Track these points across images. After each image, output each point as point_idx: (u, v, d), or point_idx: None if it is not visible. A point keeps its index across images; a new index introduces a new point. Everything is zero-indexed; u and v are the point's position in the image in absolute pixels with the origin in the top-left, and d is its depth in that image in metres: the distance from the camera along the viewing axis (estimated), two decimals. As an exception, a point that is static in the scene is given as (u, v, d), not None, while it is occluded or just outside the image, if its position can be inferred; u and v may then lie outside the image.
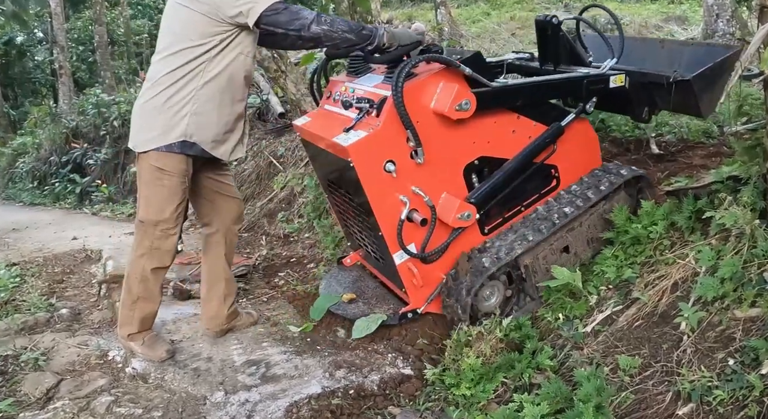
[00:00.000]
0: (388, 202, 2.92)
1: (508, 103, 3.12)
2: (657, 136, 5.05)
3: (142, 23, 20.53)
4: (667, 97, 3.33)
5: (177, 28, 2.89)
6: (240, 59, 2.93)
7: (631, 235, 3.16)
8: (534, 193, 3.38)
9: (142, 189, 3.06)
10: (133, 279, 3.15)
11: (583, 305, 3.03)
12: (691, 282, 2.75)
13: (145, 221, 3.05)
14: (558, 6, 12.72)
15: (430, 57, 2.83)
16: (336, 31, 2.79)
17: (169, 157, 2.94)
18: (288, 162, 6.16)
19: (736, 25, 8.25)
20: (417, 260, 3.08)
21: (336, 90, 3.27)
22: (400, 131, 2.83)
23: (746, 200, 2.65)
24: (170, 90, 2.88)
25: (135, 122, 3.03)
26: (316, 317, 3.50)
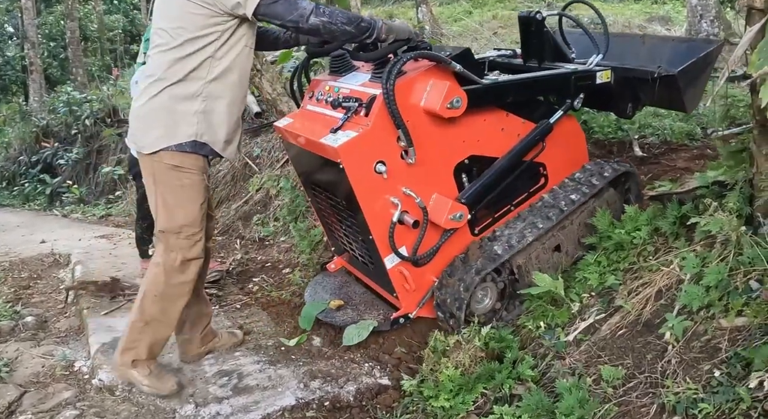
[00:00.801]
0: (379, 204, 2.87)
1: (498, 100, 3.10)
2: (640, 138, 5.05)
3: (116, 19, 20.28)
4: (652, 92, 3.35)
5: (173, 20, 2.71)
6: (245, 52, 2.80)
7: (614, 240, 3.13)
8: (523, 191, 3.38)
9: (157, 195, 2.80)
10: (150, 298, 2.85)
11: (565, 313, 2.98)
12: (675, 290, 2.71)
13: (167, 230, 2.80)
14: (541, 5, 12.70)
15: (420, 54, 2.79)
16: (335, 23, 2.67)
17: (184, 154, 2.76)
18: (264, 163, 6.07)
19: (720, 25, 8.25)
20: (408, 264, 3.03)
21: (319, 90, 3.20)
22: (390, 131, 2.77)
23: (732, 205, 2.62)
24: (176, 87, 2.70)
25: (139, 122, 2.82)
26: (306, 326, 3.43)
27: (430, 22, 10.96)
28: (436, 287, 3.11)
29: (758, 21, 2.21)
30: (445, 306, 3.05)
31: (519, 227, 3.20)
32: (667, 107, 3.86)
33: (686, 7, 9.12)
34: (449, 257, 3.14)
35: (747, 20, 2.31)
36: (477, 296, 3.13)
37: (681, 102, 3.41)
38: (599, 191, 3.39)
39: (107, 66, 17.89)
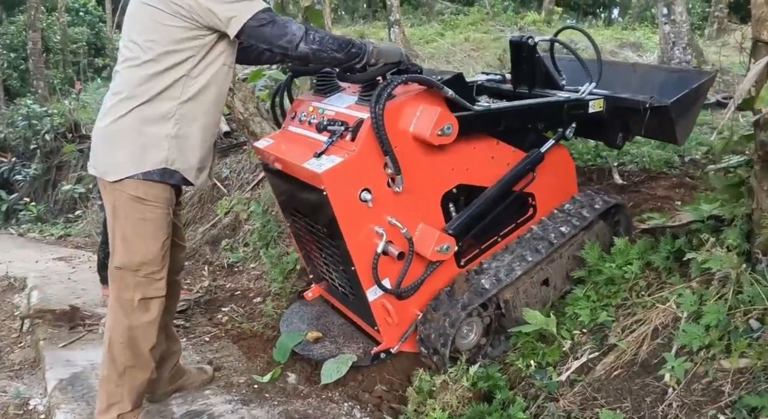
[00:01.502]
0: (363, 234, 2.73)
1: (489, 127, 3.00)
2: (619, 165, 5.01)
3: (81, 31, 19.92)
4: (643, 123, 3.27)
5: (145, 32, 2.48)
6: (224, 72, 2.59)
7: (605, 274, 3.04)
8: (510, 222, 3.27)
9: (116, 227, 2.57)
10: (117, 345, 2.61)
11: (556, 351, 2.87)
12: (672, 328, 2.62)
13: (125, 266, 2.57)
14: (513, 29, 12.80)
15: (411, 77, 2.67)
16: (325, 50, 2.51)
17: (149, 184, 2.52)
18: (233, 185, 5.90)
19: (692, 52, 8.35)
20: (391, 297, 2.88)
21: (302, 110, 3.06)
22: (377, 157, 2.65)
23: (731, 242, 2.54)
24: (146, 107, 2.47)
25: (102, 144, 2.57)
26: (280, 359, 3.25)
27: (403, 43, 10.94)
28: (420, 322, 2.97)
29: (765, 55, 2.14)
30: (429, 342, 2.91)
31: (507, 260, 3.08)
32: (658, 138, 3.81)
33: (658, 33, 9.23)
34: (434, 290, 3.01)
35: (753, 54, 2.24)
36: (462, 332, 3.00)
37: (673, 133, 3.33)
38: (589, 224, 3.29)
39: (70, 79, 17.48)
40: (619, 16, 24.11)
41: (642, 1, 20.11)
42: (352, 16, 20.61)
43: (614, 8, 24.41)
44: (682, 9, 8.46)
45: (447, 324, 2.85)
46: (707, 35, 12.04)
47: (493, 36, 12.46)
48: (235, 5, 2.39)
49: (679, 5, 8.33)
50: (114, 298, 2.64)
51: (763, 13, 2.16)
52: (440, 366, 2.89)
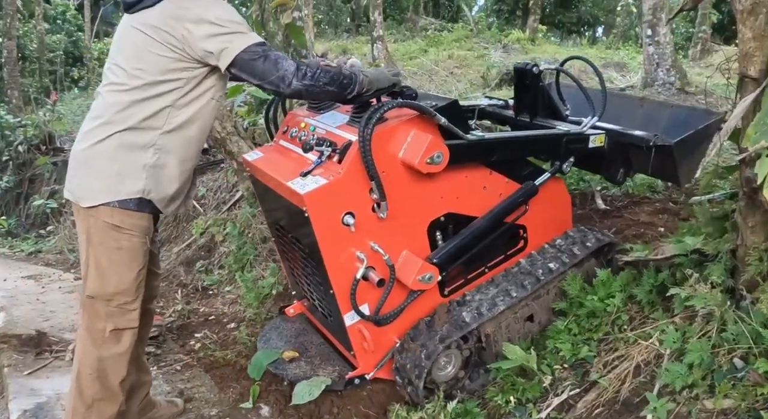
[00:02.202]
0: (343, 258, 2.68)
1: (482, 157, 2.96)
2: (602, 189, 5.00)
3: (59, 39, 19.75)
4: (646, 160, 3.20)
5: (134, 58, 2.43)
6: (211, 105, 2.55)
7: (587, 308, 3.01)
8: (499, 254, 3.22)
9: (90, 255, 2.51)
10: (85, 377, 2.55)
11: (536, 387, 2.82)
12: (655, 366, 2.59)
13: (97, 295, 2.51)
14: (497, 46, 12.86)
15: (403, 103, 2.64)
16: (318, 85, 2.45)
17: (125, 214, 2.47)
18: (209, 204, 5.82)
19: (676, 74, 8.42)
20: (369, 323, 2.83)
21: (294, 126, 3.03)
22: (362, 181, 2.60)
23: (715, 278, 2.52)
24: (125, 135, 2.42)
25: (78, 168, 2.52)
26: (255, 376, 3.18)
27: (385, 59, 10.94)
28: (397, 350, 2.92)
29: (752, 91, 2.13)
30: (404, 371, 2.86)
31: (491, 294, 3.03)
32: (660, 177, 3.75)
33: (642, 54, 9.31)
34: (415, 318, 2.96)
35: (739, 89, 2.23)
36: (440, 364, 2.94)
37: (675, 174, 3.23)
38: (579, 261, 3.23)
39: (45, 89, 17.32)
40: (603, 35, 24.37)
41: (626, 21, 20.33)
42: (336, 30, 20.64)
43: (598, 27, 24.66)
44: (666, 31, 8.55)
45: (423, 355, 2.80)
46: (691, 56, 12.15)
47: (476, 53, 12.50)
48: (228, 37, 2.35)
49: (663, 26, 8.42)
50: (84, 328, 2.58)
51: (750, 48, 2.16)
52: (414, 398, 2.84)
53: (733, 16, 2.25)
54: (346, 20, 22.65)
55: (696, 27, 12.44)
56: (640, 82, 8.97)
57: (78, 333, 2.63)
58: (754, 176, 2.10)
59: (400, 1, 21.61)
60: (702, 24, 12.01)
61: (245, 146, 4.96)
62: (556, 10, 21.19)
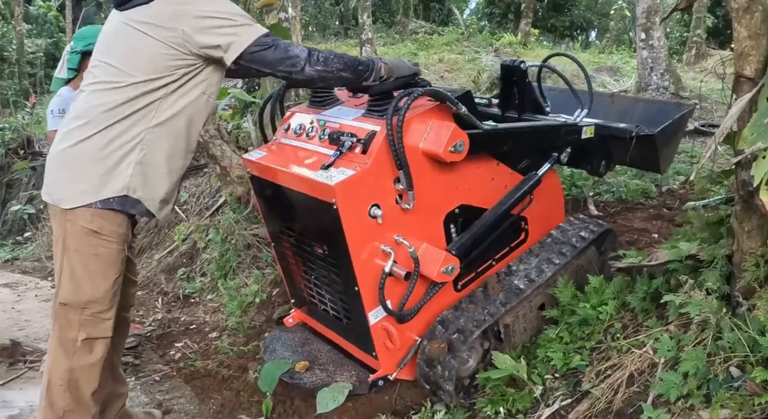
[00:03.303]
0: (368, 252, 2.67)
1: (494, 148, 3.03)
2: (595, 195, 5.00)
3: (40, 42, 19.65)
4: (628, 151, 3.33)
5: (127, 57, 2.41)
6: (202, 100, 2.53)
7: (579, 315, 2.98)
8: (505, 246, 3.27)
9: (65, 259, 2.47)
10: (56, 388, 2.51)
11: (526, 397, 2.79)
12: (649, 375, 2.56)
13: (70, 303, 2.47)
14: (488, 50, 12.88)
15: (429, 90, 2.67)
16: (331, 70, 2.48)
17: (106, 216, 2.43)
18: (191, 210, 5.77)
19: (670, 78, 8.45)
20: (393, 320, 2.82)
21: (297, 122, 3.02)
22: (388, 172, 2.62)
23: (711, 285, 2.50)
24: (111, 131, 2.39)
25: (60, 171, 2.48)
26: (267, 389, 3.12)
27: (375, 62, 10.91)
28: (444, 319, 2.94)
29: (748, 91, 2.11)
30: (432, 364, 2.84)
31: (534, 263, 3.16)
32: (641, 166, 3.92)
33: (635, 58, 9.33)
34: (431, 316, 2.96)
35: (734, 90, 2.21)
36: (463, 357, 2.92)
37: (656, 162, 3.43)
38: (583, 250, 3.32)
39: (25, 91, 17.22)
40: (597, 39, 24.50)
41: (620, 25, 20.45)
42: (324, 33, 20.64)
43: (592, 31, 24.78)
44: (660, 34, 8.58)
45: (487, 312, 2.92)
46: (685, 60, 12.21)
47: (467, 57, 12.53)
48: (235, 29, 2.36)
49: (657, 30, 8.45)
50: (56, 337, 2.54)
51: (746, 47, 2.14)
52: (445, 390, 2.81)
53: (728, 20, 2.25)
54: (334, 23, 22.68)
55: (690, 31, 12.51)
56: (633, 87, 9.00)
57: (49, 343, 2.58)
58: (751, 179, 2.08)
59: (389, 3, 21.66)
60: (697, 28, 12.07)
61: (228, 150, 4.93)
62: (549, 13, 21.27)
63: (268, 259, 4.64)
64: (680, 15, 16.81)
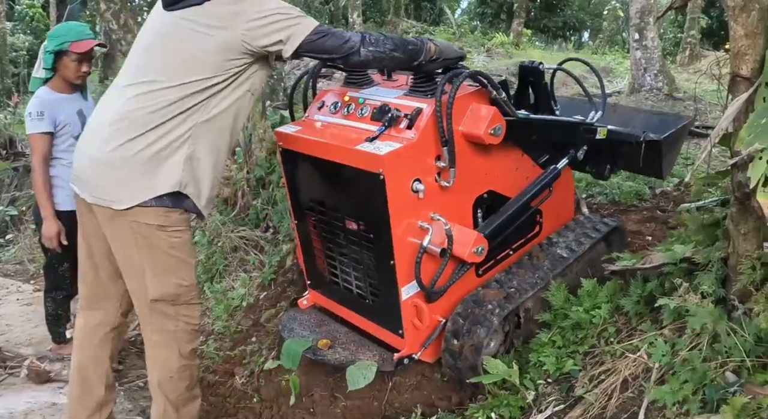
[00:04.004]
0: (405, 227, 2.77)
1: (524, 137, 3.15)
2: (588, 197, 4.99)
3: (25, 39, 19.51)
4: (632, 156, 3.46)
5: (178, 57, 2.45)
6: (247, 98, 2.60)
7: (572, 319, 2.97)
8: (521, 237, 3.41)
9: (143, 258, 2.53)
10: (165, 383, 2.67)
11: (518, 403, 2.78)
12: (643, 380, 2.55)
13: (161, 297, 2.58)
14: (480, 51, 12.89)
15: (475, 72, 2.80)
16: (384, 51, 2.58)
17: (165, 210, 2.50)
18: (178, 211, 5.72)
19: (664, 79, 8.48)
20: (422, 298, 2.90)
21: (333, 100, 3.14)
22: (432, 148, 2.75)
23: (706, 288, 2.49)
24: (161, 129, 2.43)
25: (108, 171, 2.47)
26: (290, 365, 3.14)
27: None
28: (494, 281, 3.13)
29: (744, 90, 2.10)
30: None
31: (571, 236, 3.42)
32: (643, 171, 4.02)
33: (629, 59, 9.36)
34: (455, 299, 3.04)
35: (730, 90, 2.20)
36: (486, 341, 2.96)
37: (660, 168, 3.57)
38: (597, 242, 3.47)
39: (7, 90, 17.08)
40: (590, 39, 24.57)
41: (613, 25, 20.52)
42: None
43: (584, 31, 24.85)
44: (654, 34, 8.61)
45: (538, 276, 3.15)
46: (679, 61, 12.26)
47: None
48: (292, 21, 2.45)
49: (650, 31, 8.48)
50: (157, 332, 2.65)
51: (742, 46, 2.13)
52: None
53: (723, 21, 2.24)
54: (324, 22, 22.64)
55: (685, 32, 12.55)
56: (627, 88, 9.02)
57: (147, 345, 2.70)
58: (747, 181, 2.08)
59: (380, 2, 21.65)
60: (691, 29, 12.11)
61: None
62: (542, 13, 21.34)
63: (255, 262, 4.62)
64: (674, 16, 16.89)
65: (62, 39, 3.57)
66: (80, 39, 3.59)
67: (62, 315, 3.94)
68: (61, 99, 3.69)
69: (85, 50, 3.60)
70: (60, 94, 3.70)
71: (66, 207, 3.65)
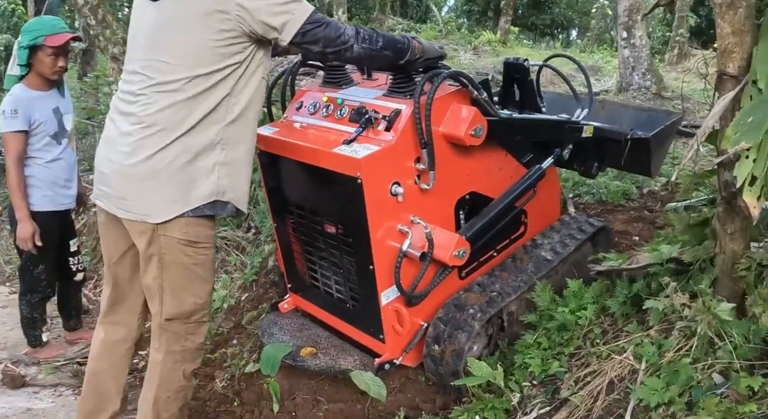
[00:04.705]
0: (384, 231, 2.75)
1: (507, 137, 3.15)
2: (574, 197, 5.00)
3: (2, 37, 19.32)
4: (620, 154, 3.44)
5: (178, 50, 2.35)
6: (262, 86, 2.55)
7: (557, 320, 2.98)
8: (505, 238, 3.41)
9: (164, 275, 2.50)
10: (162, 401, 2.66)
11: (503, 405, 2.77)
12: (629, 381, 2.55)
13: (176, 317, 2.57)
14: (467, 48, 12.90)
15: (455, 72, 2.78)
16: (376, 48, 2.51)
17: (200, 223, 2.47)
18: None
19: (652, 78, 8.52)
20: (402, 303, 2.89)
21: (311, 101, 3.09)
22: (411, 150, 2.73)
23: (694, 288, 2.49)
24: (189, 137, 2.36)
25: (137, 183, 2.42)
26: (269, 371, 3.13)
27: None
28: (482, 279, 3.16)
29: (731, 89, 2.11)
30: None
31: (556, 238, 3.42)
32: (632, 169, 4.07)
33: (617, 57, 9.40)
34: (437, 303, 3.04)
35: (717, 88, 2.21)
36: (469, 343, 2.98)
37: (648, 166, 3.55)
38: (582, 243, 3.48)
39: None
40: (578, 37, 24.67)
41: (601, 23, 20.61)
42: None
43: (572, 30, 24.95)
44: (642, 33, 8.65)
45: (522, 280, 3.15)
46: (668, 60, 12.31)
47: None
48: (288, 7, 2.32)
49: (639, 29, 8.52)
50: (162, 351, 2.64)
51: (729, 44, 2.13)
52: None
53: (711, 20, 2.25)
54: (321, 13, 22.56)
55: (673, 31, 12.61)
56: (614, 87, 9.05)
57: (151, 362, 2.69)
58: (733, 180, 2.09)
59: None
60: (679, 27, 12.18)
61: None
62: (529, 11, 21.41)
63: (236, 263, 4.60)
64: (663, 14, 17.00)
65: (36, 33, 3.54)
66: (55, 32, 3.55)
67: (38, 318, 3.91)
68: (36, 97, 3.66)
69: (60, 44, 3.56)
70: (36, 91, 3.66)
71: (41, 208, 3.62)
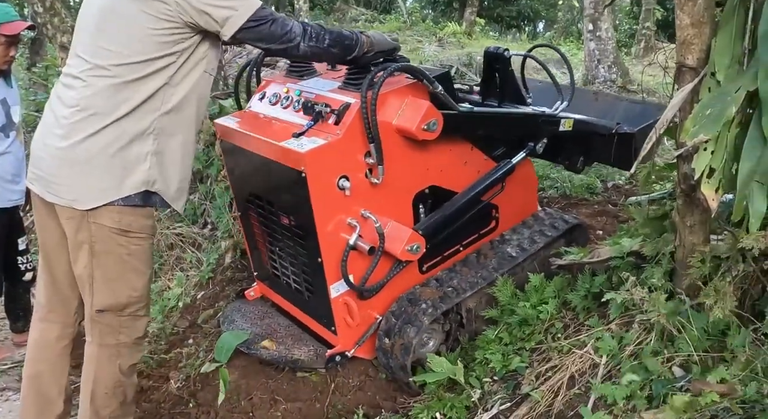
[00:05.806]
0: (333, 224, 2.79)
1: (469, 131, 3.17)
2: (538, 191, 5.05)
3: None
4: (605, 148, 3.46)
5: (120, 37, 2.35)
6: (205, 79, 2.56)
7: (519, 315, 3.01)
8: (473, 233, 3.44)
9: (94, 265, 2.48)
10: (100, 396, 2.62)
11: (464, 401, 2.80)
12: (590, 376, 2.59)
13: (108, 308, 2.54)
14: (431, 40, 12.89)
15: (405, 66, 2.81)
16: (323, 46, 2.56)
17: (133, 212, 2.46)
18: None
19: (617, 71, 8.62)
20: (353, 296, 2.92)
21: (272, 91, 3.15)
22: (359, 144, 2.75)
23: (653, 281, 2.54)
24: (123, 123, 2.37)
25: (67, 167, 2.41)
26: (222, 358, 3.19)
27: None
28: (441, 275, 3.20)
29: (690, 80, 2.15)
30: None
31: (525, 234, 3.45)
32: (614, 163, 4.03)
33: (583, 51, 9.49)
34: (394, 296, 3.09)
35: (677, 80, 2.24)
36: (423, 339, 3.04)
37: (630, 161, 3.43)
38: (553, 240, 3.48)
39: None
40: (544, 30, 24.84)
41: (568, 16, 20.78)
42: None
43: (539, 22, 25.11)
44: (608, 25, 8.75)
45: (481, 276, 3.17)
46: (634, 53, 12.46)
47: (410, 46, 12.52)
48: (233, 3, 2.34)
49: (605, 22, 8.61)
50: (95, 344, 2.62)
51: (688, 35, 2.17)
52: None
53: (678, 12, 2.27)
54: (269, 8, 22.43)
55: (640, 24, 12.77)
56: (580, 80, 9.14)
57: (87, 353, 2.66)
58: (692, 172, 2.13)
59: (328, -11, 21.54)
60: (646, 20, 12.33)
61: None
62: (495, 3, 21.43)
63: (192, 260, 4.56)
64: (630, 7, 17.19)
65: None
66: (9, 20, 3.48)
67: None
68: (-18, 87, 3.58)
69: (15, 32, 3.49)
70: None
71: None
